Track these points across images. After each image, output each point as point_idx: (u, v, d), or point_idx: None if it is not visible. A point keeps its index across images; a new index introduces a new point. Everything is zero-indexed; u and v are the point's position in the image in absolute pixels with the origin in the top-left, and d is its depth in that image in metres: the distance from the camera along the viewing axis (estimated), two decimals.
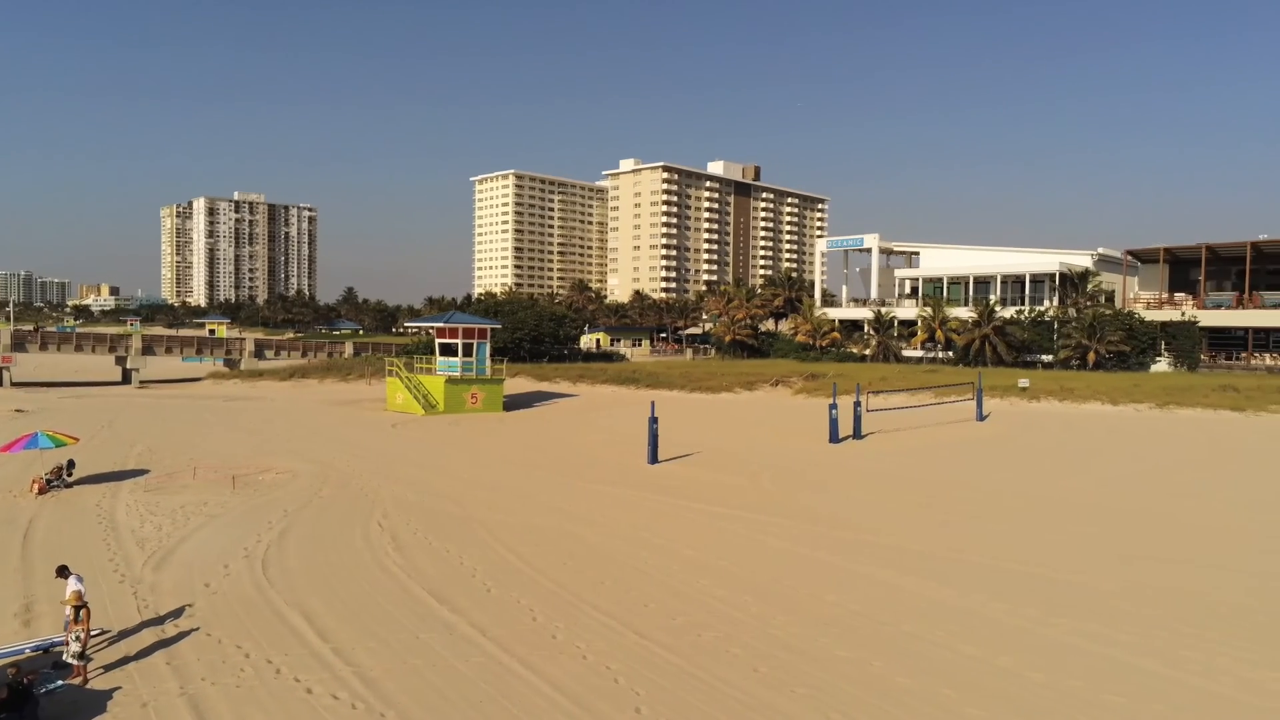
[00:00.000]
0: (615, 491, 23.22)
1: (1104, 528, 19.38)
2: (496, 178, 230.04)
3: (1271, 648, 11.64)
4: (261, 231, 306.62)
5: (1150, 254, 69.68)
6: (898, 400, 41.81)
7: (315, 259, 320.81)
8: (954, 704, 9.77)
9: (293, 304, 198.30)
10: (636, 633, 12.08)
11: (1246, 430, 35.66)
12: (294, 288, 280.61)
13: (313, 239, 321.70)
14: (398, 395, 45.42)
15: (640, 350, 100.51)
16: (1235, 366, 59.32)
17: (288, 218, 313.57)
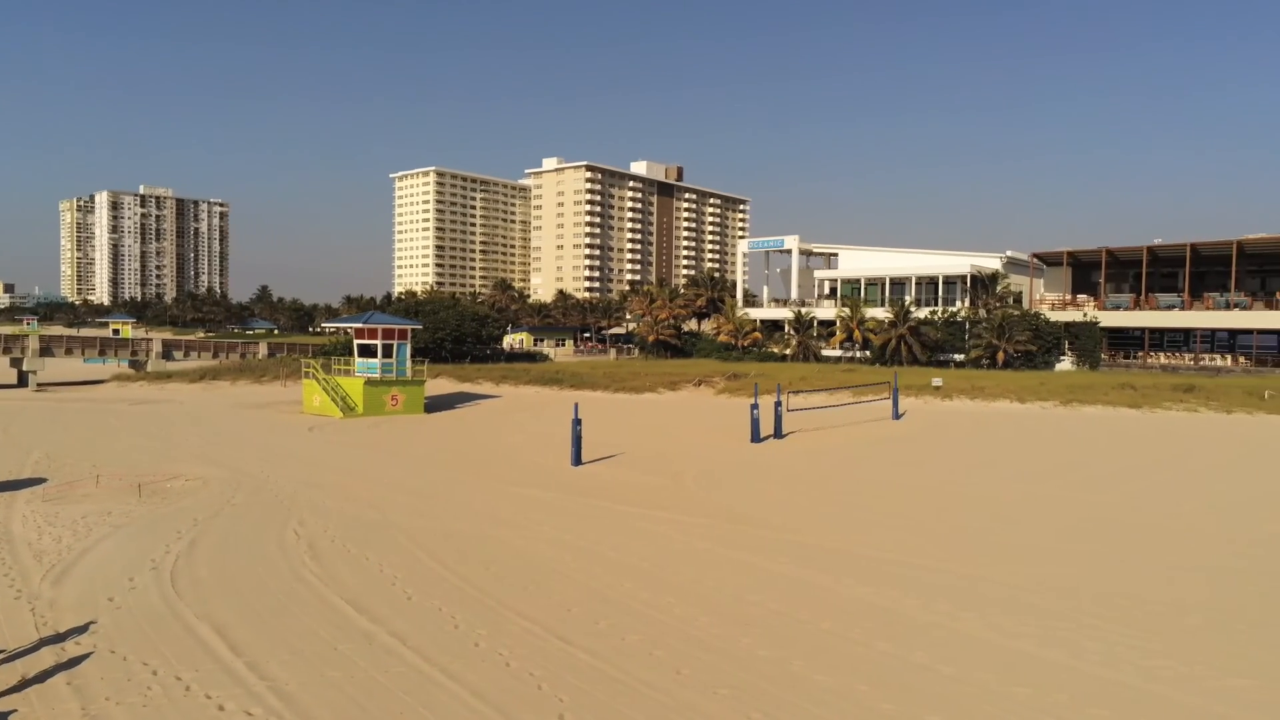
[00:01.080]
0: (539, 494, 23.12)
1: (1011, 523, 20.12)
2: (417, 174, 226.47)
3: (1164, 636, 12.26)
4: (170, 227, 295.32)
5: (1055, 257, 72.62)
6: (817, 399, 42.63)
7: (227, 256, 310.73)
8: (870, 699, 10.02)
9: (203, 302, 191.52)
10: (560, 638, 12.06)
11: (1144, 426, 37.44)
12: (204, 286, 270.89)
13: (224, 235, 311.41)
14: (315, 397, 44.34)
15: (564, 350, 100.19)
16: (1133, 365, 62.29)
17: (198, 213, 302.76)
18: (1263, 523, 20.16)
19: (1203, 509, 21.70)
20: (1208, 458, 29.68)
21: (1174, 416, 39.91)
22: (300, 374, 49.45)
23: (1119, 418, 39.97)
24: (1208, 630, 12.60)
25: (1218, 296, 63.31)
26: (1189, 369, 59.17)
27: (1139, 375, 52.91)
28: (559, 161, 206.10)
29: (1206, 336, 64.48)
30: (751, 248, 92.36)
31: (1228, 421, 38.52)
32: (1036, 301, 71.01)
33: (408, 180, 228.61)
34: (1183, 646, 11.83)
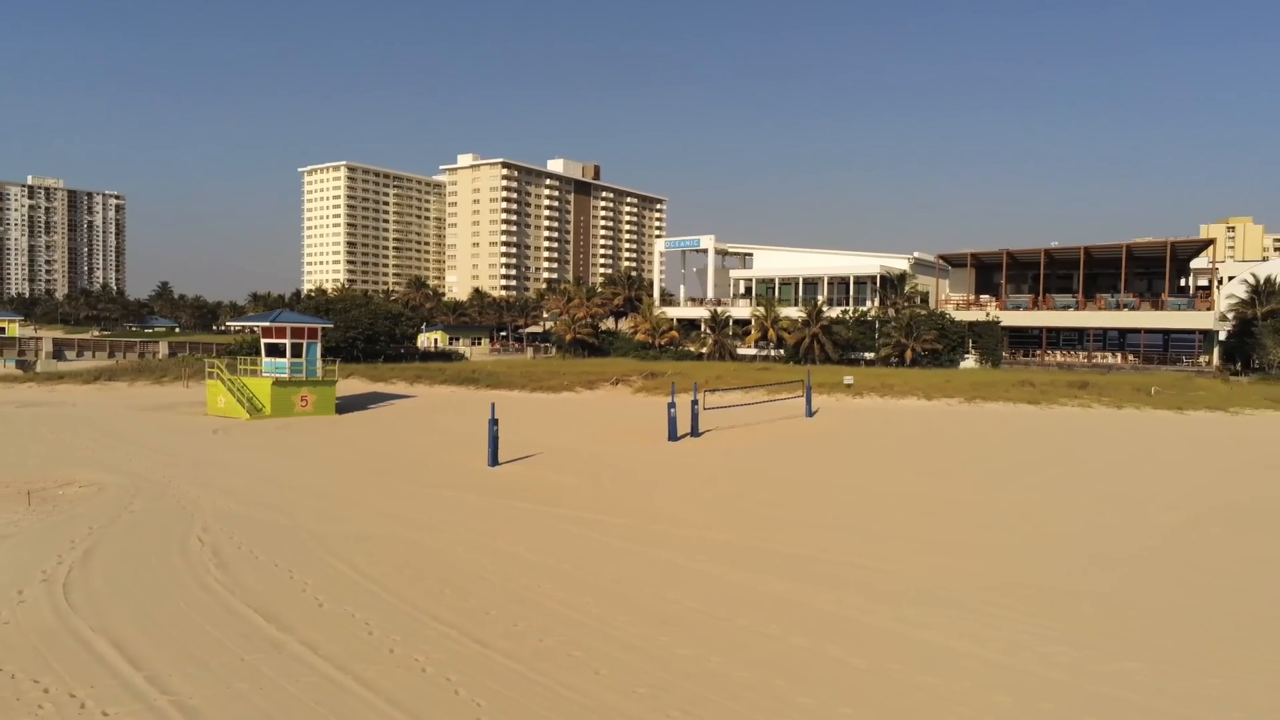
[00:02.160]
0: (455, 496, 22.81)
1: (919, 517, 20.75)
2: (327, 169, 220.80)
3: (1062, 624, 12.82)
4: (60, 220, 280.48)
5: (959, 259, 75.17)
6: (733, 398, 43.18)
7: (124, 251, 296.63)
8: (787, 694, 10.19)
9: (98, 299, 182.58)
10: (477, 641, 11.92)
11: (1041, 421, 39.11)
12: (99, 282, 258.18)
13: (120, 229, 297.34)
14: (219, 398, 42.82)
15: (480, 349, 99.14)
16: (1032, 363, 64.96)
17: (91, 205, 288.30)
18: (1151, 513, 21.27)
19: (1096, 501, 22.77)
20: (1101, 451, 31.16)
21: (1070, 412, 41.80)
22: (204, 374, 47.73)
23: (1019, 414, 41.64)
24: (1101, 617, 13.23)
25: (1109, 297, 66.54)
26: (1083, 366, 62.03)
27: (1037, 373, 55.26)
28: (475, 158, 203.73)
29: (1099, 335, 67.67)
30: (668, 247, 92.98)
31: (1119, 416, 40.53)
32: (942, 301, 73.40)
33: (318, 175, 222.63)
34: (1079, 633, 12.39)
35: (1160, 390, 44.28)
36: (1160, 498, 23.12)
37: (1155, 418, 39.91)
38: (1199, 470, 27.50)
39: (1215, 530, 19.59)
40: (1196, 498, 23.16)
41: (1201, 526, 19.95)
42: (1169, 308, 63.75)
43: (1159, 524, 20.18)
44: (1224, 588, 15.12)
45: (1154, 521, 20.42)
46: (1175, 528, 19.83)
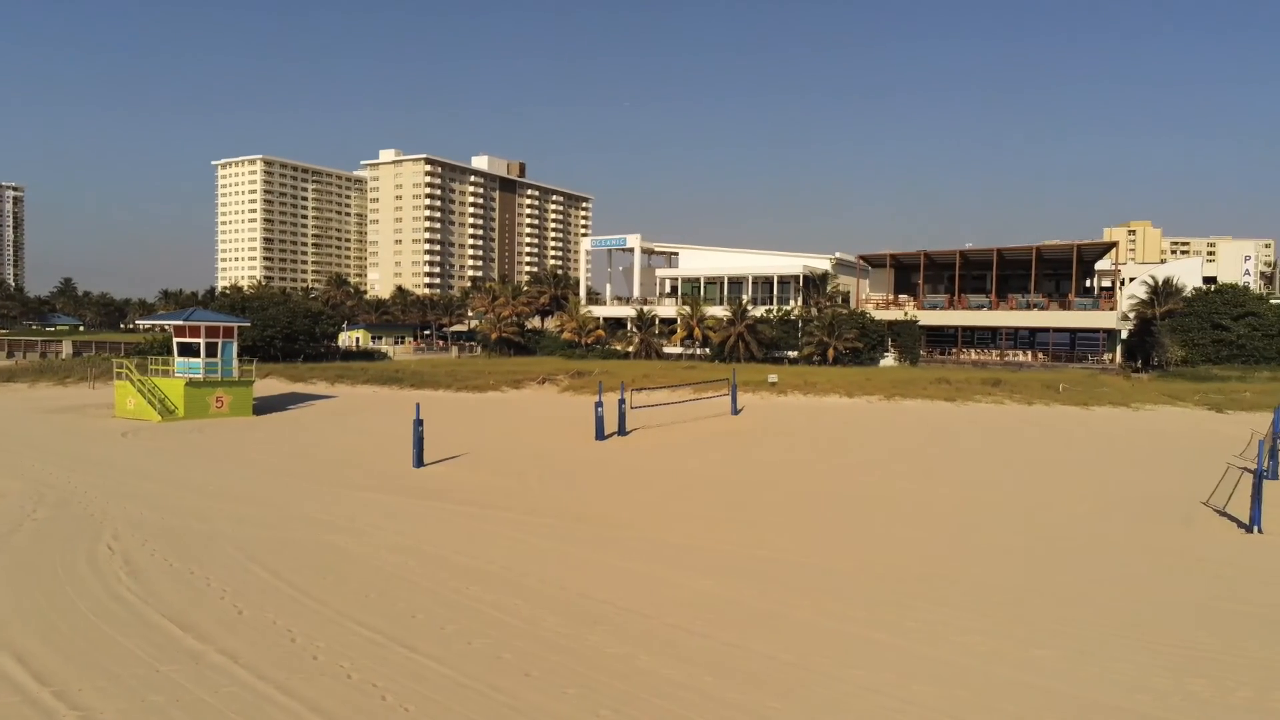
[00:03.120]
0: (379, 498, 22.43)
1: (842, 512, 21.24)
2: (243, 162, 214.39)
3: (977, 613, 13.29)
4: None
5: (879, 259, 77.04)
6: (660, 396, 43.44)
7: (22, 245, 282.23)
8: (716, 690, 10.33)
9: None
10: (405, 646, 11.76)
11: (957, 418, 40.37)
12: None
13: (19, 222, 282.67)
14: (129, 400, 41.20)
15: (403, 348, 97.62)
16: (948, 361, 66.97)
17: None
18: (1060, 505, 22.18)
19: (1008, 494, 23.63)
20: (1014, 446, 32.33)
21: (984, 409, 43.25)
22: (111, 375, 45.84)
23: (936, 410, 42.90)
24: (1014, 606, 13.76)
25: (1020, 298, 69.06)
26: (996, 364, 64.23)
27: (953, 370, 57.03)
28: (396, 154, 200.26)
29: (1011, 334, 70.14)
30: (594, 246, 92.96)
31: (1029, 412, 42.10)
32: (863, 301, 75.10)
33: (232, 169, 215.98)
34: (993, 622, 12.86)
35: (1067, 387, 46.14)
36: (1068, 490, 24.12)
37: (1063, 413, 41.58)
38: (1104, 464, 28.77)
39: (1119, 521, 20.54)
40: (1101, 490, 24.24)
41: (1106, 517, 20.89)
42: (1075, 308, 66.48)
43: (1067, 515, 21.06)
44: (1126, 575, 15.88)
45: (1062, 513, 21.30)
46: (1082, 519, 20.72)
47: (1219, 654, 11.65)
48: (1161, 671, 10.98)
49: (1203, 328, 63.06)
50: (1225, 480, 24.65)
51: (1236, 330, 62.34)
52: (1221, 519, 20.61)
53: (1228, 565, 16.71)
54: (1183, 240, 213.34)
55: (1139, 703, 10.05)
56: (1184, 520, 20.63)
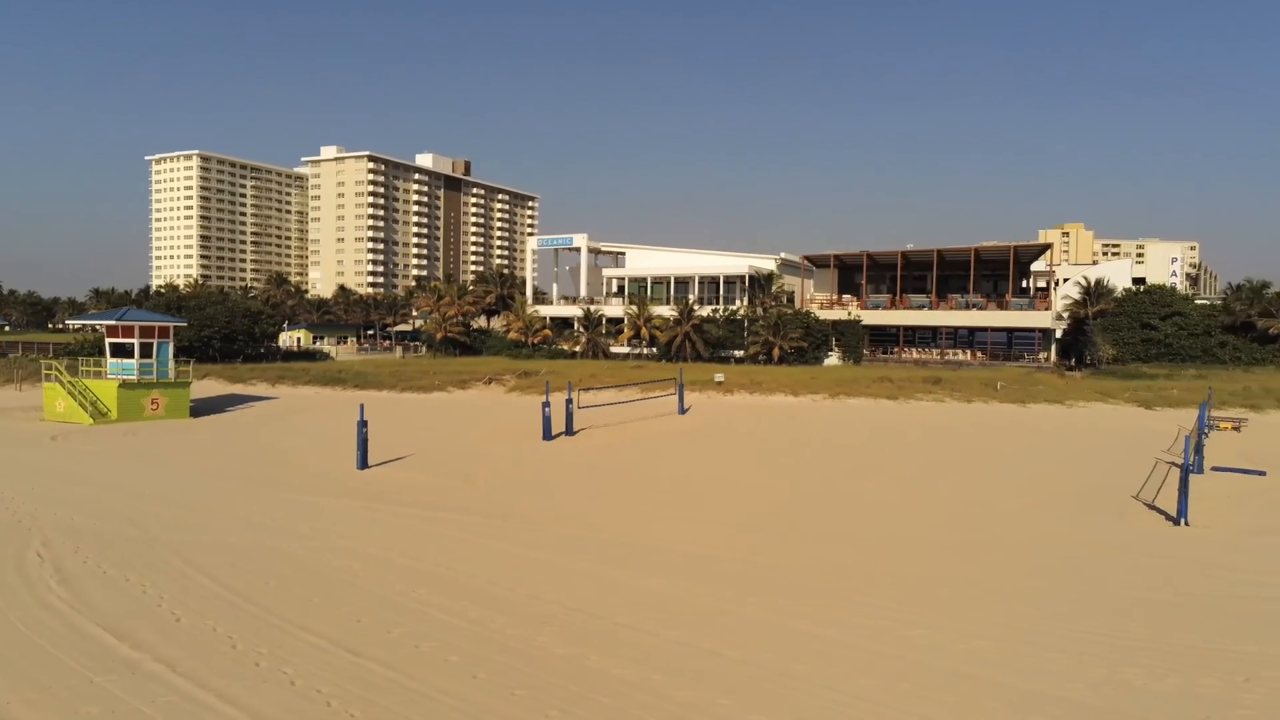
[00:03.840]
0: (322, 501, 22.06)
1: (789, 510, 21.48)
2: (178, 158, 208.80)
3: (920, 608, 13.57)
4: None
5: (823, 259, 78.05)
6: (607, 396, 43.44)
7: None
8: (665, 689, 10.38)
9: None
10: (350, 650, 11.58)
11: (899, 416, 41.11)
12: None
13: None
14: (58, 402, 39.90)
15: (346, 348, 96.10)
16: (890, 360, 68.11)
17: None
18: (999, 501, 22.75)
19: (949, 490, 24.16)
20: (954, 443, 33.05)
21: (925, 406, 44.11)
22: (40, 376, 44.32)
23: (879, 408, 43.63)
24: (955, 600, 14.07)
25: (959, 298, 70.56)
26: (937, 363, 65.52)
27: (895, 369, 58.04)
28: (339, 150, 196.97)
29: (951, 333, 71.62)
30: (541, 245, 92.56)
31: (969, 410, 43.05)
32: (807, 301, 76.01)
33: (167, 164, 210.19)
34: (936, 616, 13.13)
35: (1005, 385, 47.29)
36: (1006, 486, 24.74)
37: (1001, 411, 42.61)
38: (1040, 460, 29.56)
39: (1055, 515, 21.13)
40: (1038, 485, 24.90)
41: (1043, 512, 21.48)
42: (1012, 308, 68.14)
43: (1005, 511, 21.61)
44: (1062, 568, 16.35)
45: (1001, 509, 21.85)
46: (1020, 514, 21.28)
47: (1149, 642, 12.06)
48: (1095, 661, 11.33)
49: (1132, 327, 65.18)
50: (1154, 475, 25.54)
51: (1164, 330, 64.59)
52: (1151, 512, 21.33)
53: (1157, 557, 17.31)
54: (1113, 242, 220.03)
55: (1074, 691, 10.35)
56: (1116, 514, 21.30)
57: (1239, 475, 25.39)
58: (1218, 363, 61.61)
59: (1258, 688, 10.46)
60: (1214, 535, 19.02)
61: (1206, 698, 10.18)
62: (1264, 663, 11.29)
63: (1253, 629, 12.69)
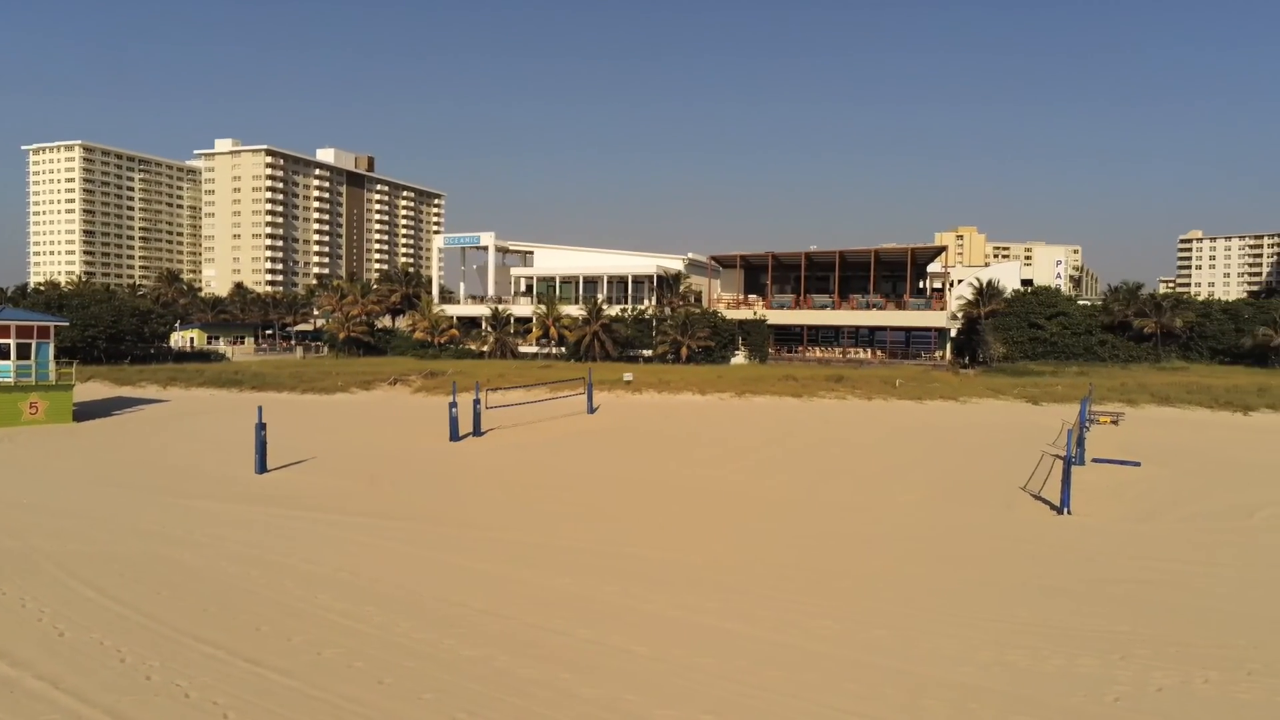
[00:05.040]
0: (218, 507, 21.27)
1: (696, 507, 21.76)
2: (59, 148, 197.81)
3: (823, 600, 13.97)
4: None
5: (729, 260, 79.21)
6: (516, 396, 43.15)
7: None
8: (573, 687, 10.43)
9: None
10: (248, 660, 11.25)
11: (803, 413, 42.08)
12: None
13: None
14: None
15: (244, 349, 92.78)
16: (795, 359, 69.54)
17: None
18: (897, 493, 23.54)
19: (851, 485, 24.87)
20: (856, 439, 34.01)
21: (828, 404, 45.26)
22: None
23: (784, 406, 44.57)
24: (857, 591, 14.53)
25: (860, 298, 72.59)
26: (839, 362, 67.22)
27: (800, 368, 59.34)
28: (235, 143, 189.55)
29: (852, 333, 73.60)
30: (447, 244, 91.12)
31: (869, 406, 44.37)
32: (714, 301, 76.99)
33: (46, 155, 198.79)
34: (838, 608, 13.54)
35: (903, 383, 48.91)
36: (904, 479, 25.61)
37: (900, 407, 44.07)
38: (936, 454, 30.70)
39: (949, 507, 22.00)
40: (934, 478, 25.87)
41: (938, 504, 22.34)
42: (910, 308, 70.48)
43: (904, 503, 22.39)
44: (955, 557, 17.06)
45: (899, 501, 22.63)
46: (917, 506, 22.08)
47: (1034, 626, 12.71)
48: (984, 645, 11.88)
49: (1021, 326, 68.25)
50: (1040, 467, 26.85)
51: (1050, 329, 67.85)
52: (1037, 502, 22.42)
53: (1042, 544, 18.22)
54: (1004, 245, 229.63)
55: (964, 674, 10.84)
56: (1005, 505, 22.32)
57: (1116, 466, 26.90)
58: (1098, 360, 65.05)
59: (1131, 665, 11.16)
60: (1094, 523, 20.13)
61: (1085, 676, 10.80)
62: (1136, 641, 12.04)
63: (1126, 611, 13.51)
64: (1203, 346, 66.55)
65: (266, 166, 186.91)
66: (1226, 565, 16.52)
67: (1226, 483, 25.09)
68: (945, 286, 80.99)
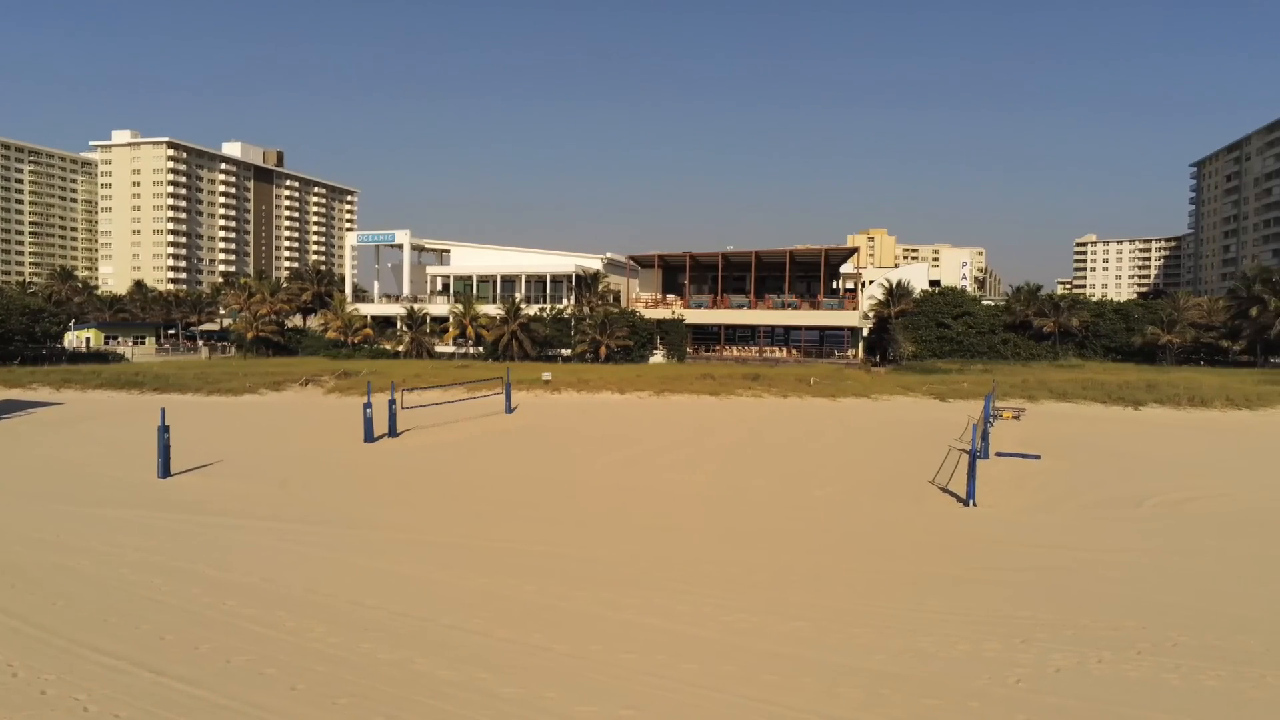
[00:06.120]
0: (118, 513, 20.38)
1: (615, 505, 21.83)
2: None
3: (740, 594, 14.18)
4: None
5: (648, 260, 79.67)
6: (433, 396, 42.54)
7: None
8: (492, 686, 10.36)
9: None
10: (152, 670, 10.83)
11: (721, 411, 42.60)
12: None
13: None
14: None
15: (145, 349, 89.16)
16: (712, 358, 70.40)
17: None
18: (813, 488, 24.05)
19: (768, 481, 25.29)
20: (772, 437, 34.60)
21: (745, 402, 45.92)
22: None
23: (702, 404, 45.04)
24: (774, 584, 14.80)
25: (776, 298, 73.93)
26: (755, 360, 68.32)
27: (717, 366, 60.04)
28: (133, 135, 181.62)
29: (768, 332, 74.88)
30: (361, 241, 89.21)
31: (785, 404, 45.20)
32: (633, 300, 77.33)
33: None
34: (755, 601, 13.77)
35: (818, 381, 49.96)
36: (819, 475, 26.19)
37: (814, 405, 45.01)
38: (849, 449, 31.49)
39: (862, 501, 22.60)
40: (847, 473, 26.53)
41: (852, 499, 22.92)
42: (824, 308, 72.10)
43: (818, 498, 22.90)
44: (868, 550, 17.54)
45: (815, 496, 23.13)
46: (831, 500, 22.61)
47: (942, 614, 13.16)
48: (896, 633, 12.26)
49: (929, 326, 70.50)
50: (948, 461, 27.79)
51: (956, 328, 70.27)
52: (945, 495, 23.21)
53: (949, 535, 18.88)
54: (913, 247, 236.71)
55: (877, 662, 11.17)
56: (915, 498, 23.04)
57: (1018, 459, 28.03)
58: (1001, 358, 67.66)
59: (1031, 648, 11.67)
60: (997, 514, 20.95)
61: (990, 660, 11.25)
62: (1037, 625, 12.59)
63: (1028, 597, 14.11)
64: (1097, 345, 69.85)
65: (169, 160, 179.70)
66: (1118, 551, 17.40)
67: (1118, 473, 26.42)
68: (857, 287, 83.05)
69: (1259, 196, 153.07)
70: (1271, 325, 62.69)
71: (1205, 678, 10.62)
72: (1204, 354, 68.47)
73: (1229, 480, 25.47)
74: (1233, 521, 20.20)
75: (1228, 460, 29.35)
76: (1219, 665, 11.01)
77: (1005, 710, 9.76)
